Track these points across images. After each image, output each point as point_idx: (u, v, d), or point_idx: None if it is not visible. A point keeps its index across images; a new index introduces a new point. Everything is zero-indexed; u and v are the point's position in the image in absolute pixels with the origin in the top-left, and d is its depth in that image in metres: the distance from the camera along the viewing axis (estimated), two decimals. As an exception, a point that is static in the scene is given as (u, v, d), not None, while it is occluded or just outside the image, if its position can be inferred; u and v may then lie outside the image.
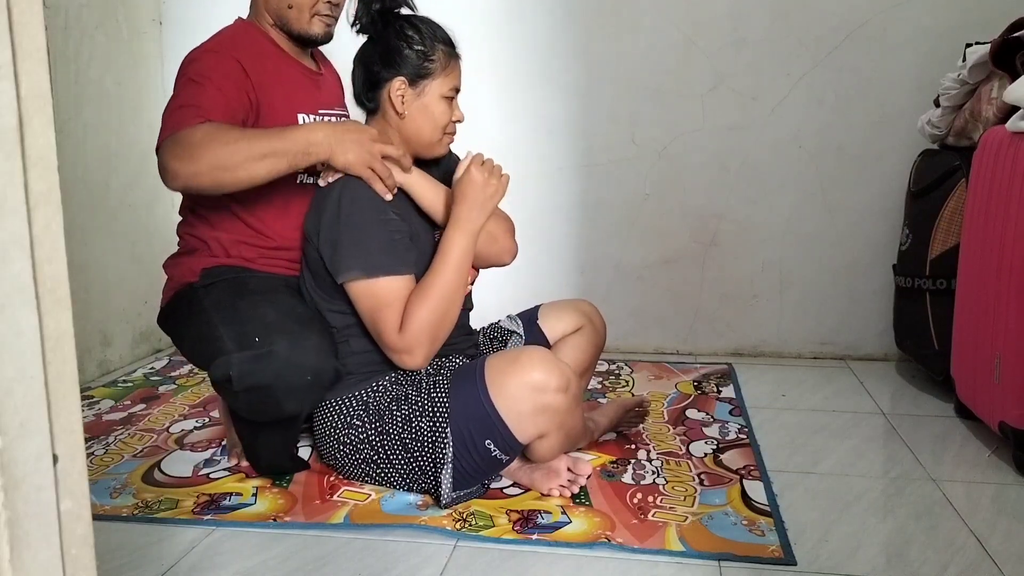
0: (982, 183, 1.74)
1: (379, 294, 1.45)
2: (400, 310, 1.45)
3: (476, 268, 1.66)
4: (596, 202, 2.53)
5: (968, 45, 1.95)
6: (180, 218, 1.68)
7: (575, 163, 2.52)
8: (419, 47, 1.49)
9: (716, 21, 2.38)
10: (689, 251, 2.50)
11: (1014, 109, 1.70)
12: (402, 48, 1.48)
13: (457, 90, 1.55)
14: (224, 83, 1.48)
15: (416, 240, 1.52)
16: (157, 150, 1.42)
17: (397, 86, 1.49)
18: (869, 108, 2.35)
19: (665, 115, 2.44)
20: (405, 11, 1.55)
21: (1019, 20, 1.78)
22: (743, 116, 2.41)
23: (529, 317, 1.77)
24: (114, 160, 2.43)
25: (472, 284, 1.67)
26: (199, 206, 1.62)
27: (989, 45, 1.83)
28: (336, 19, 1.64)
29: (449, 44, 1.52)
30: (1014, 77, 1.73)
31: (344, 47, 1.64)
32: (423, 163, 1.60)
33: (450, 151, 1.66)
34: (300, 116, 1.60)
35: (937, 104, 2.06)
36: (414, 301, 1.45)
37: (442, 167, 1.64)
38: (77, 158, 2.28)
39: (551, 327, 1.74)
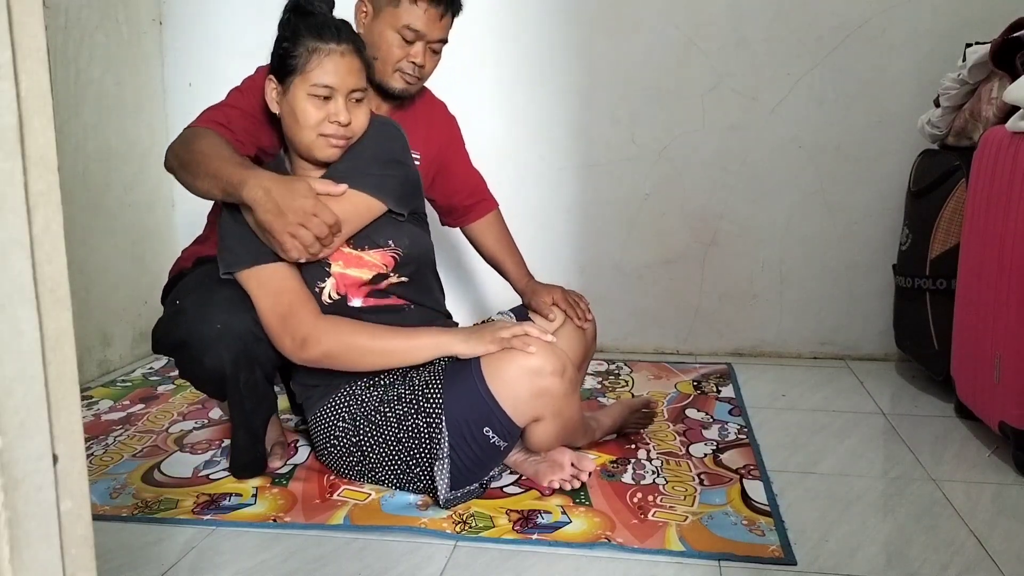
0: (982, 183, 1.74)
1: (261, 282, 1.44)
2: (301, 297, 1.45)
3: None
4: (596, 202, 2.53)
5: (968, 45, 1.95)
6: (190, 222, 1.83)
7: (575, 163, 2.52)
8: (284, 43, 1.41)
9: (716, 21, 2.38)
10: (689, 251, 2.50)
11: (1014, 109, 1.70)
12: (274, 47, 1.45)
13: (331, 88, 1.41)
14: (250, 118, 1.56)
15: None
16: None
17: (268, 86, 1.47)
18: (869, 108, 2.35)
19: (665, 115, 2.44)
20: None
21: (1019, 20, 1.78)
22: (743, 116, 2.41)
23: (522, 311, 1.77)
24: (114, 160, 2.43)
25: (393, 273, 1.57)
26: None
27: (989, 45, 1.83)
28: (416, 78, 1.66)
29: (324, 39, 1.40)
30: (1014, 77, 1.73)
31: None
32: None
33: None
34: None
35: (937, 104, 2.06)
36: (356, 325, 1.46)
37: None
38: (77, 158, 2.28)
39: (544, 320, 1.73)
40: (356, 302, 1.52)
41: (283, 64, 1.43)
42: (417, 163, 1.74)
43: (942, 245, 1.99)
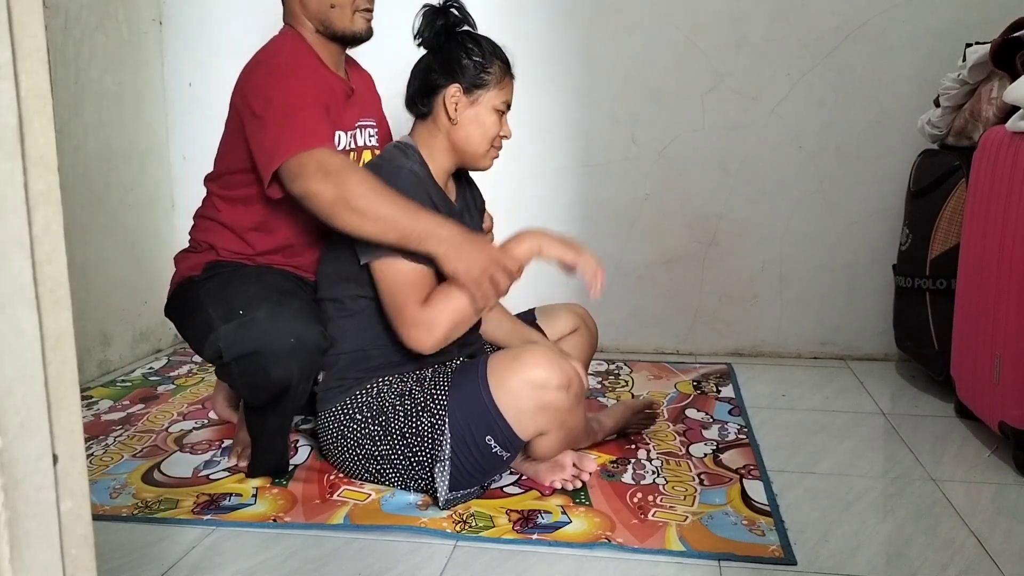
0: (982, 183, 1.74)
1: (399, 276, 1.47)
2: (421, 290, 1.48)
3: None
4: (596, 202, 2.53)
5: (968, 45, 1.95)
6: (190, 222, 1.75)
7: (575, 163, 2.52)
8: (478, 58, 1.54)
9: (716, 21, 2.38)
10: (689, 251, 2.50)
11: (1014, 109, 1.70)
12: (462, 58, 1.54)
13: (508, 106, 1.59)
14: (318, 109, 1.53)
15: None
16: (280, 166, 1.45)
17: (453, 92, 1.53)
18: (869, 108, 2.35)
19: (665, 115, 2.44)
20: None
21: (1019, 20, 1.78)
22: (743, 116, 2.41)
23: (527, 319, 1.79)
24: (114, 160, 2.43)
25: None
26: (206, 214, 1.70)
27: (989, 45, 1.83)
28: (373, 13, 1.67)
29: (505, 62, 1.58)
30: (1014, 77, 1.73)
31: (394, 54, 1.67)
32: (457, 179, 1.67)
33: (476, 190, 1.75)
34: (337, 134, 1.63)
35: (937, 104, 2.06)
36: (446, 292, 1.48)
37: (475, 197, 1.74)
38: (77, 158, 2.28)
39: (551, 327, 1.78)
40: None
41: (474, 76, 1.53)
42: (376, 130, 1.79)
43: (942, 245, 1.99)
